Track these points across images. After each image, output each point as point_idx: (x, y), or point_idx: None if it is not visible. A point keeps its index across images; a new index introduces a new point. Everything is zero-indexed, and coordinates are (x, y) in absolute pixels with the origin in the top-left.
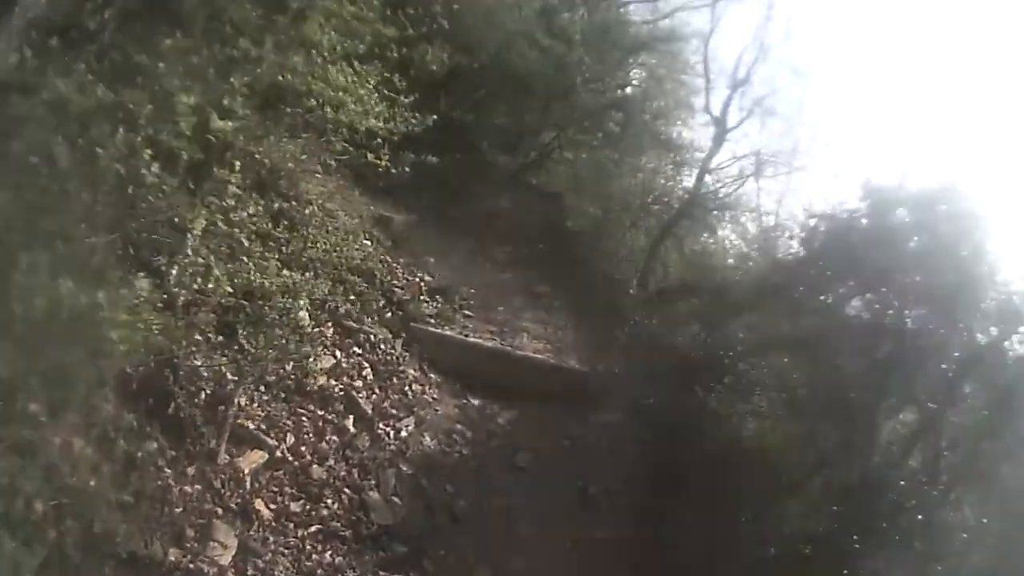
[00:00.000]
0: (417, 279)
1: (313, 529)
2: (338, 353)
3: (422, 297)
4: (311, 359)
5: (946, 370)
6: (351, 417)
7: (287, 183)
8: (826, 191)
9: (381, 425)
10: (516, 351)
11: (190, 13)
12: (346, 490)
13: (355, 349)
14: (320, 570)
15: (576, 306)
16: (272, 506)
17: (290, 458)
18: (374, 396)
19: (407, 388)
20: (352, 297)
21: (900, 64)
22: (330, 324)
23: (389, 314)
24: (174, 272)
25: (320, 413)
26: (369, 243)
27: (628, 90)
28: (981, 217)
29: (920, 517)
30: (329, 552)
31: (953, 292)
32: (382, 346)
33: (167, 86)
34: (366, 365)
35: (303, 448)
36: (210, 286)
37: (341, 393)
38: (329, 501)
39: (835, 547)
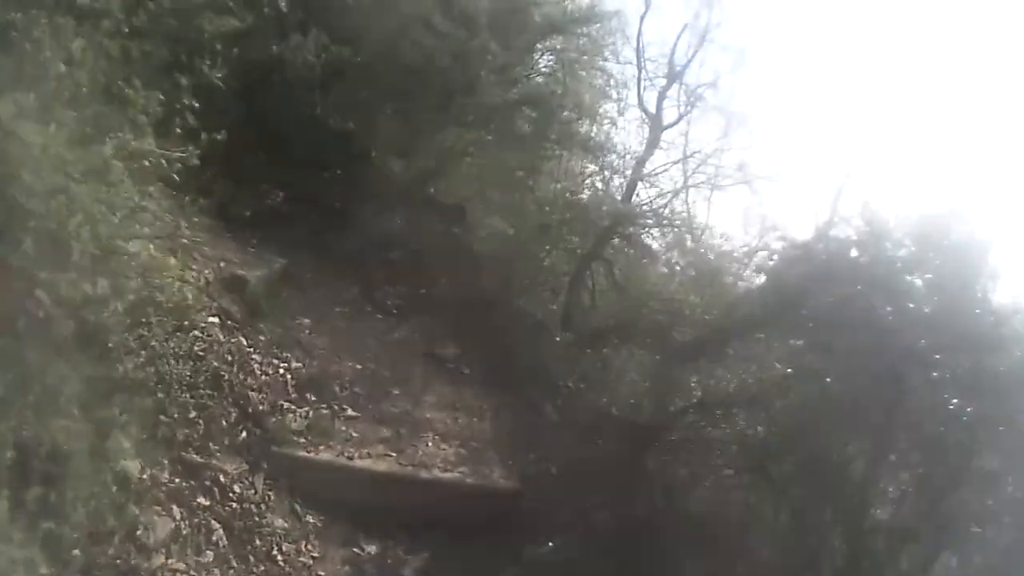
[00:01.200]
0: (282, 370)
1: None
2: (177, 510)
3: (288, 401)
4: (141, 529)
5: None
6: None
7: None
8: (785, 208)
9: None
10: (420, 472)
11: None
12: None
13: (200, 500)
14: None
15: (492, 370)
16: None
17: None
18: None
19: (275, 550)
20: (192, 415)
21: (874, 58)
22: (165, 462)
23: (244, 434)
24: None
25: None
26: (216, 320)
27: (540, 80)
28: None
29: None
30: None
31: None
32: (236, 488)
33: None
34: (216, 525)
35: None
36: None
37: None
38: None
39: None
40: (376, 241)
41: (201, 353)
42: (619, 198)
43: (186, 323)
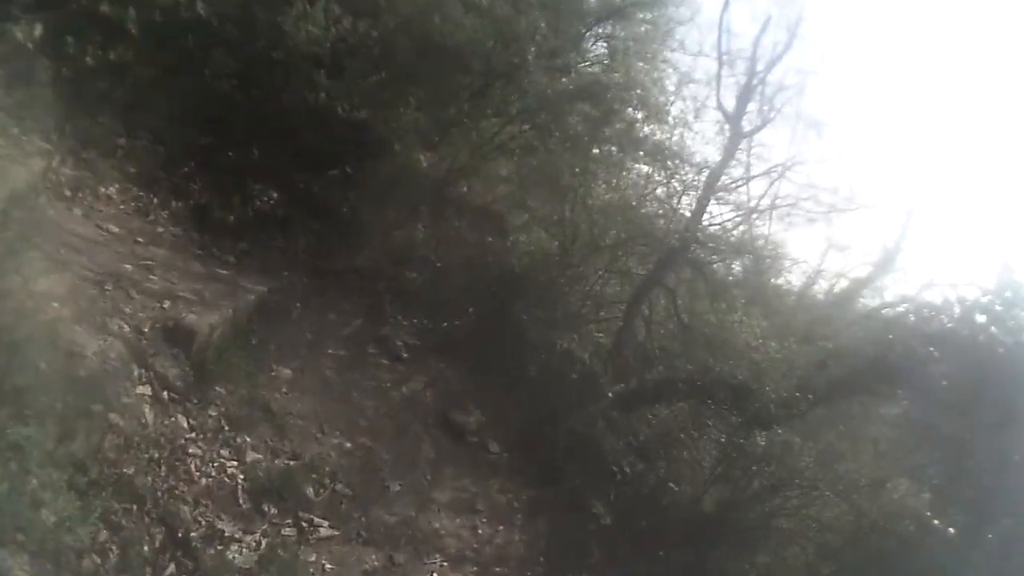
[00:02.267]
0: (232, 467)
1: None
2: None
3: (235, 518)
4: None
5: None
6: None
7: None
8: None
9: None
10: None
11: None
12: None
13: None
14: None
15: (525, 446)
16: None
17: None
18: None
19: None
20: (102, 539)
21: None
22: None
23: (171, 567)
24: None
25: None
26: (147, 392)
27: (596, 71)
28: None
29: None
30: None
31: None
32: None
33: None
34: None
35: None
36: None
37: None
38: None
39: None
40: (391, 256)
41: (112, 453)
42: (687, 215)
43: (95, 406)
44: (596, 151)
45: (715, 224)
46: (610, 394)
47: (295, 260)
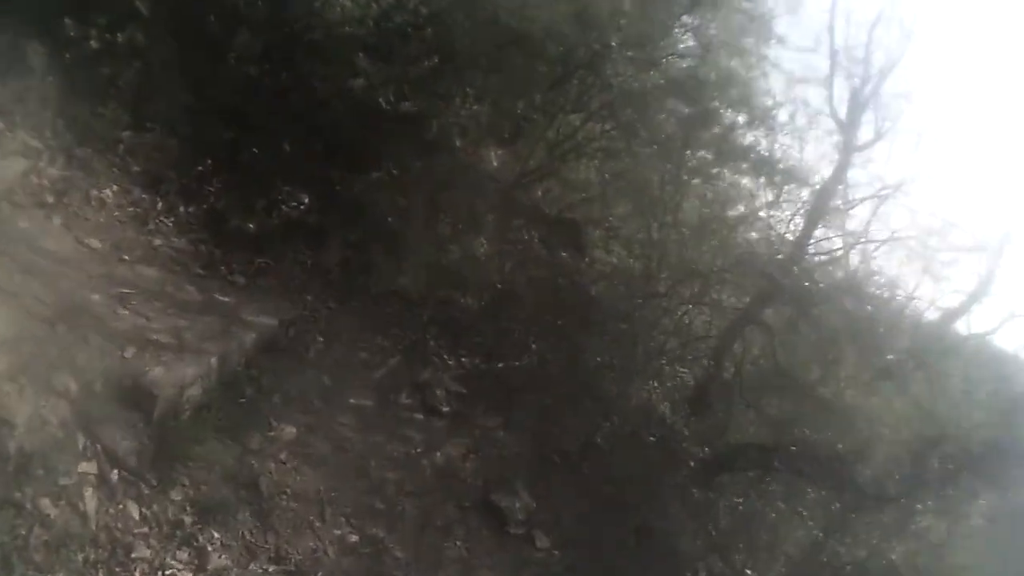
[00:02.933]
0: None
1: None
2: None
3: None
4: None
5: None
6: None
7: None
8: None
9: None
10: None
11: None
12: None
13: None
14: None
15: (585, 544)
16: None
17: None
18: None
19: None
20: None
21: None
22: None
23: None
24: None
25: None
26: (90, 471)
27: (691, 65)
28: None
29: None
30: None
31: None
32: None
33: None
34: None
35: None
36: None
37: None
38: None
39: None
40: (444, 275)
41: (38, 554)
42: (791, 240)
43: (23, 490)
44: (690, 159)
45: (822, 253)
46: (691, 463)
47: (325, 279)
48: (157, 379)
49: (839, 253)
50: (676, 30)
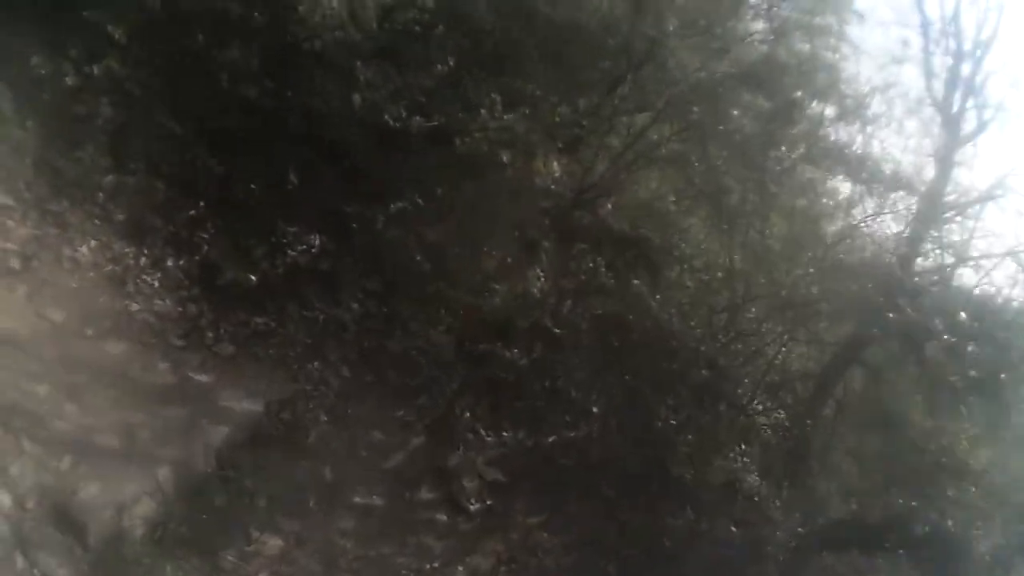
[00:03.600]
0: None
1: None
2: None
3: None
4: None
5: None
6: None
7: None
8: None
9: None
10: None
11: None
12: None
13: None
14: None
15: None
16: None
17: None
18: None
19: None
20: None
21: None
22: None
23: None
24: None
25: None
26: None
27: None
28: None
29: None
30: None
31: None
32: None
33: None
34: None
35: None
36: None
37: None
38: None
39: None
40: (487, 323)
41: None
42: (894, 259)
43: None
44: (773, 163)
45: (930, 274)
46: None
47: (338, 339)
48: (89, 500)
49: (950, 271)
50: (745, 15)
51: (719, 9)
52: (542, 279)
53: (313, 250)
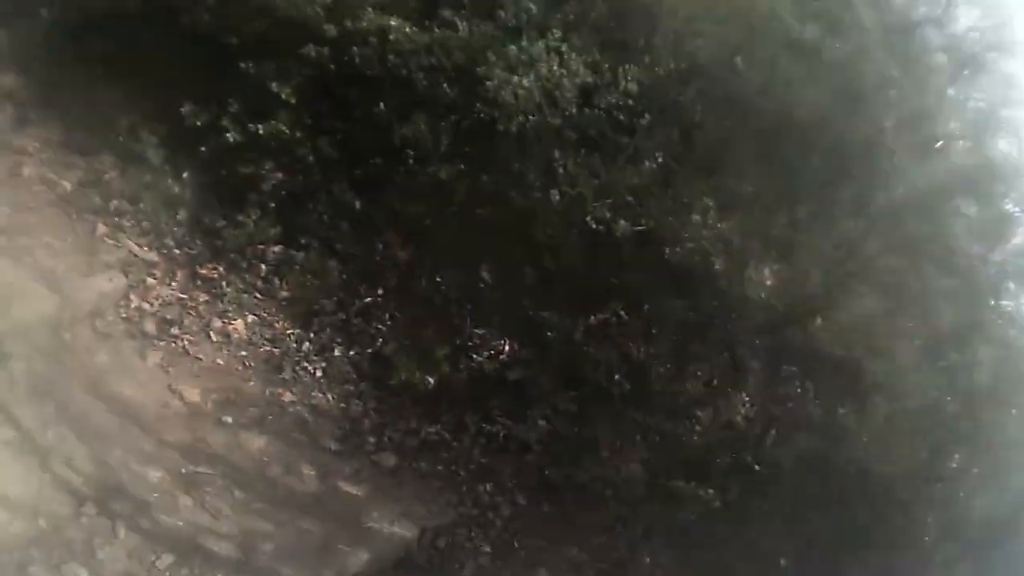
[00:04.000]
0: None
1: None
2: None
3: None
4: None
5: None
6: None
7: None
8: None
9: None
10: None
11: None
12: None
13: None
14: None
15: None
16: None
17: None
18: None
19: None
20: None
21: None
22: None
23: None
24: None
25: None
26: None
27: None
28: None
29: None
30: None
31: None
32: None
33: None
34: None
35: None
36: None
37: None
38: None
39: None
40: (680, 457)
41: None
42: None
43: None
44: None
45: None
46: None
47: (518, 463)
48: None
49: None
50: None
51: (931, 101)
52: (746, 405)
53: (502, 356)
